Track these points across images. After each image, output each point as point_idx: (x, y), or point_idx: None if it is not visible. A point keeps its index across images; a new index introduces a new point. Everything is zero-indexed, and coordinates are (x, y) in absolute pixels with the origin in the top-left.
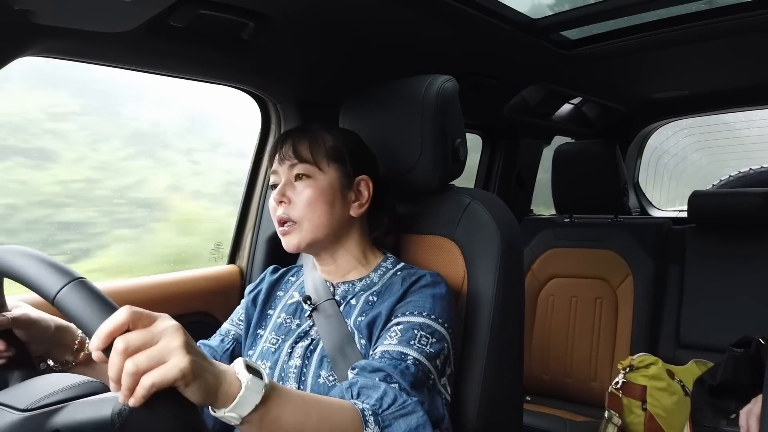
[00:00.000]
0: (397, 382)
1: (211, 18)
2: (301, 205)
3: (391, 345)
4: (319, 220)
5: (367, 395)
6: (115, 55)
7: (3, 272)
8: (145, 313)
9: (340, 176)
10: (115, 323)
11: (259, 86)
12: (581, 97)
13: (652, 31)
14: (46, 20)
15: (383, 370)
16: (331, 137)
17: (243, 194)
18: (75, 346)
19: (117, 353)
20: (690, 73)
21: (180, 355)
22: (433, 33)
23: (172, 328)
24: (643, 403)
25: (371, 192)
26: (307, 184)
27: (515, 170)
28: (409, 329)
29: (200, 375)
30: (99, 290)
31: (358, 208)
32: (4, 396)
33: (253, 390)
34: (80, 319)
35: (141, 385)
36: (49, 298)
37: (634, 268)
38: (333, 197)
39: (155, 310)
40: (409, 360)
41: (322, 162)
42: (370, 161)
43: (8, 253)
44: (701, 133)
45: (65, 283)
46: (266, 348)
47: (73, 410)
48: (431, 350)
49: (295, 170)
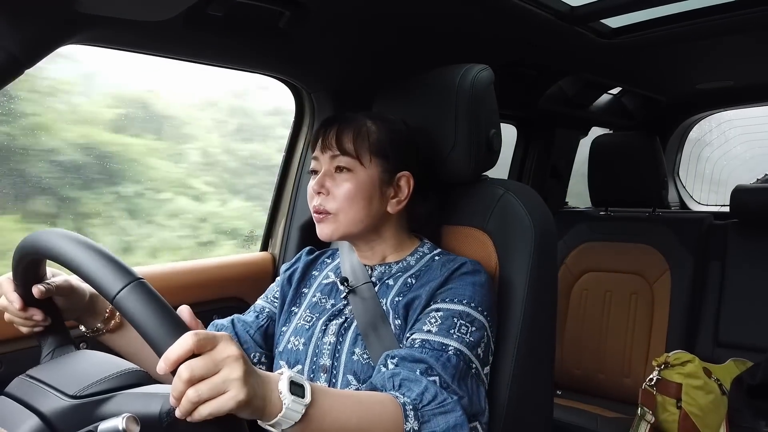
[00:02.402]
0: (438, 375)
1: (248, 7)
2: (338, 198)
3: (431, 334)
4: (355, 215)
5: (409, 388)
6: (154, 44)
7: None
8: (209, 338)
9: (381, 172)
10: (181, 350)
11: (294, 75)
12: (620, 88)
13: (696, 19)
14: (89, 9)
15: (425, 361)
16: (377, 129)
17: (276, 182)
18: (106, 314)
19: (182, 382)
20: (735, 63)
21: (238, 387)
22: (469, 21)
23: (233, 357)
24: (677, 401)
25: (411, 189)
26: (347, 178)
27: (550, 162)
28: (448, 317)
29: (252, 401)
30: (158, 294)
31: (396, 205)
32: (49, 375)
33: (294, 410)
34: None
35: (199, 411)
36: (109, 297)
37: (673, 263)
38: (371, 193)
39: (189, 294)
40: (450, 350)
41: (364, 156)
42: (413, 155)
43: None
44: (745, 126)
45: (125, 284)
46: (300, 325)
47: (122, 401)
48: (471, 339)
49: (336, 162)
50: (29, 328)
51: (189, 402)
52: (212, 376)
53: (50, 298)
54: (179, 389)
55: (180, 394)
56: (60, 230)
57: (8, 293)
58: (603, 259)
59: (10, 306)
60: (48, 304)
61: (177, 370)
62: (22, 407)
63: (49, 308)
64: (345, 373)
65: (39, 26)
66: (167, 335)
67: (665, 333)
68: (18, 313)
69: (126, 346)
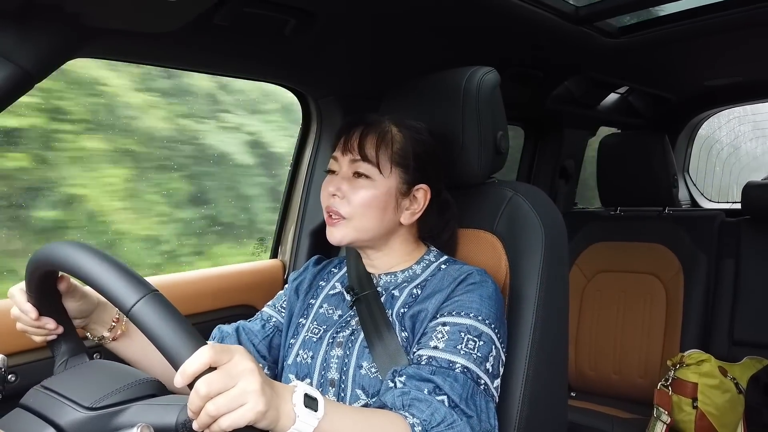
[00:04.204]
0: (446, 395)
1: (254, 16)
2: (354, 204)
3: (438, 351)
4: (368, 223)
5: (419, 409)
6: (161, 55)
7: (78, 275)
8: (225, 351)
9: (400, 183)
10: (198, 364)
11: (300, 82)
12: (628, 87)
13: (703, 16)
14: (95, 22)
15: (432, 381)
16: (401, 138)
17: (285, 189)
18: (113, 323)
19: (199, 397)
20: (744, 59)
21: (256, 398)
22: (474, 24)
23: (249, 370)
24: (693, 401)
25: (427, 202)
26: (365, 185)
27: (559, 162)
28: (455, 332)
29: (268, 412)
30: (173, 306)
31: (410, 216)
32: (65, 387)
33: (307, 423)
34: (157, 339)
35: (218, 424)
36: (125, 309)
37: (685, 262)
38: (387, 203)
39: (200, 303)
40: (457, 368)
41: (385, 166)
42: (434, 166)
43: (84, 255)
44: (755, 122)
45: (141, 296)
46: (308, 337)
47: (138, 412)
48: (479, 354)
49: (356, 167)
50: (42, 337)
51: (207, 416)
52: (230, 390)
53: (63, 307)
54: (197, 404)
55: (198, 408)
56: (74, 242)
57: (21, 304)
58: (615, 259)
59: (24, 316)
60: (60, 313)
61: (194, 384)
62: (38, 419)
63: (61, 317)
64: (353, 387)
65: (48, 40)
66: (183, 348)
67: (680, 332)
68: (31, 323)
69: (131, 354)
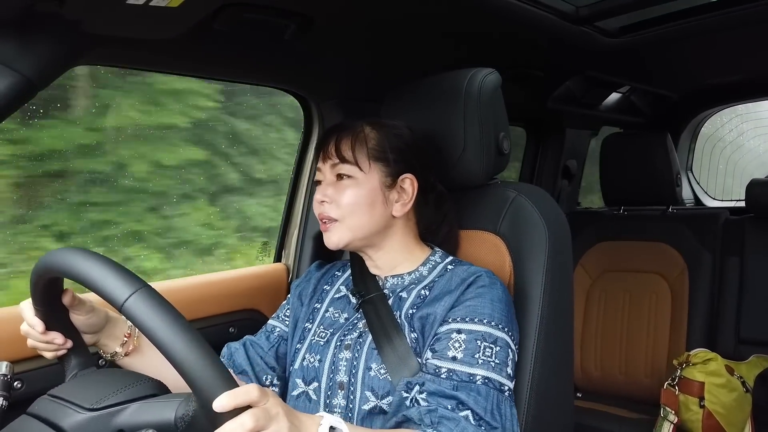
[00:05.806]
0: (470, 409)
1: (254, 21)
2: (342, 205)
3: (456, 362)
4: (359, 221)
5: (448, 427)
6: (162, 61)
7: (73, 277)
8: (266, 393)
9: (383, 176)
10: (247, 398)
11: (301, 86)
12: (629, 86)
13: (703, 14)
14: (97, 30)
15: (456, 398)
16: (375, 135)
17: (288, 193)
18: (124, 339)
19: (243, 430)
20: (745, 56)
21: None
22: (474, 25)
23: (282, 413)
24: (700, 400)
25: (416, 191)
26: (348, 185)
27: (561, 162)
28: (471, 340)
29: None
30: (164, 299)
31: (401, 208)
32: (69, 392)
33: None
34: (149, 332)
35: None
36: (117, 305)
37: (690, 261)
38: (373, 198)
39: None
40: (478, 380)
41: (363, 163)
42: (417, 157)
43: (77, 258)
44: (758, 119)
45: (133, 291)
46: (315, 341)
47: (137, 411)
48: (497, 360)
49: (337, 170)
50: (53, 353)
51: None
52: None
53: (70, 322)
54: None
55: None
56: (69, 247)
57: (29, 318)
58: (619, 258)
59: (32, 331)
60: (68, 327)
61: (240, 417)
62: (43, 425)
63: (69, 331)
64: (363, 389)
65: (50, 48)
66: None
67: (685, 331)
68: (40, 338)
69: (144, 369)
